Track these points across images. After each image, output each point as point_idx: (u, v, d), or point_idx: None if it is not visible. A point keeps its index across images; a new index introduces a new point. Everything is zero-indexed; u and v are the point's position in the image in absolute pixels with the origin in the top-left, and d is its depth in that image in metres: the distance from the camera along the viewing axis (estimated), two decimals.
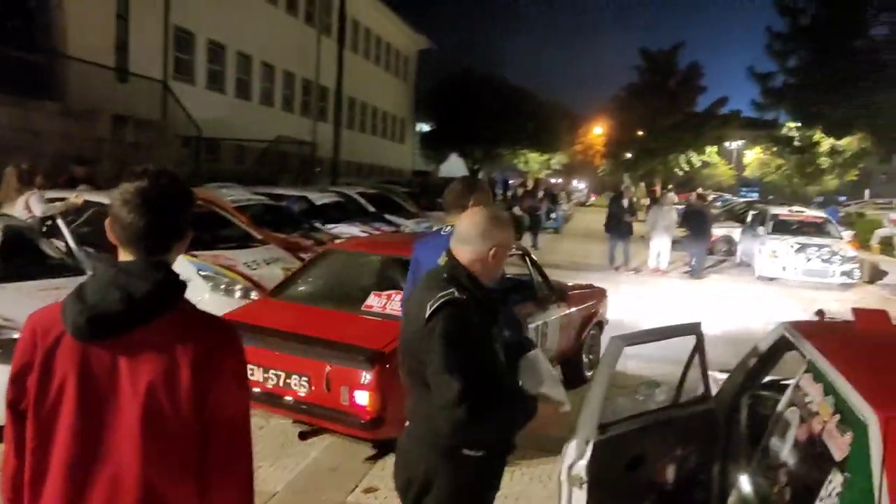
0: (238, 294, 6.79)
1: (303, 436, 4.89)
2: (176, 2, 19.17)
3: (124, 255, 1.56)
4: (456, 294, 2.23)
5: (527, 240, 17.62)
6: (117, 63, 16.81)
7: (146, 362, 1.48)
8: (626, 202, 15.87)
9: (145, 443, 1.48)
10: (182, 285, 1.58)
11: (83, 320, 1.45)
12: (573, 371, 6.60)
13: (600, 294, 7.36)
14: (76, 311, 1.46)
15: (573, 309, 6.51)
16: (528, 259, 6.18)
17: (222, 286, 6.78)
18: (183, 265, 6.15)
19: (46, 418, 1.49)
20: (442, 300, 2.21)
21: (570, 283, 7.36)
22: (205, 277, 6.75)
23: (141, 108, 16.13)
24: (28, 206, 6.78)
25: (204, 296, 6.49)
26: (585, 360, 6.78)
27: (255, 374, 4.64)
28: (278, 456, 4.78)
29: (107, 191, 8.00)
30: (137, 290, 1.46)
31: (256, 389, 4.63)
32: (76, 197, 7.23)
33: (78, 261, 6.30)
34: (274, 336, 4.72)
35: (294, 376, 4.54)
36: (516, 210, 17.94)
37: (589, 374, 6.64)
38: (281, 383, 4.58)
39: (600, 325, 7.15)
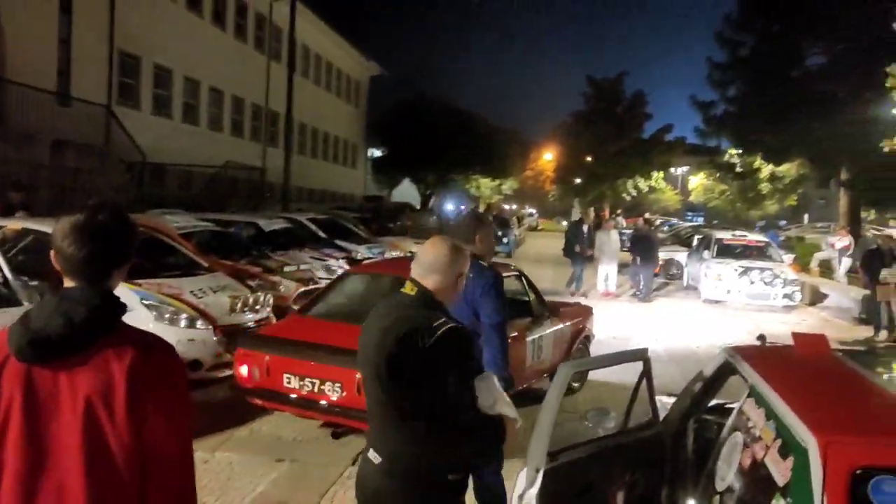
0: (183, 324, 6.62)
1: (336, 435, 5.48)
2: (121, 27, 18.86)
3: (68, 283, 1.64)
4: (452, 321, 2.25)
5: None
6: (59, 87, 16.42)
7: (85, 382, 1.56)
8: (585, 228, 15.94)
9: (87, 459, 1.55)
10: (121, 308, 1.66)
11: (25, 343, 1.54)
12: None
13: (587, 311, 8.22)
14: (19, 335, 1.55)
15: (564, 324, 7.16)
16: (523, 279, 6.92)
17: (167, 315, 6.60)
18: (125, 294, 5.98)
19: None
20: (448, 327, 2.20)
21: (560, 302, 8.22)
22: (148, 307, 6.56)
23: (83, 132, 15.75)
24: None
25: (147, 325, 6.30)
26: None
27: (292, 381, 5.30)
28: (224, 490, 4.63)
29: (44, 218, 7.76)
30: (78, 316, 1.55)
31: (293, 395, 5.31)
32: (13, 225, 6.99)
33: (14, 291, 6.05)
34: (308, 348, 5.31)
35: (328, 383, 5.12)
36: None
37: (576, 384, 7.12)
38: (315, 389, 5.18)
39: (588, 339, 7.91)
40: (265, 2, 28.29)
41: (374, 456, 2.35)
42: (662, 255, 17.60)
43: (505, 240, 24.79)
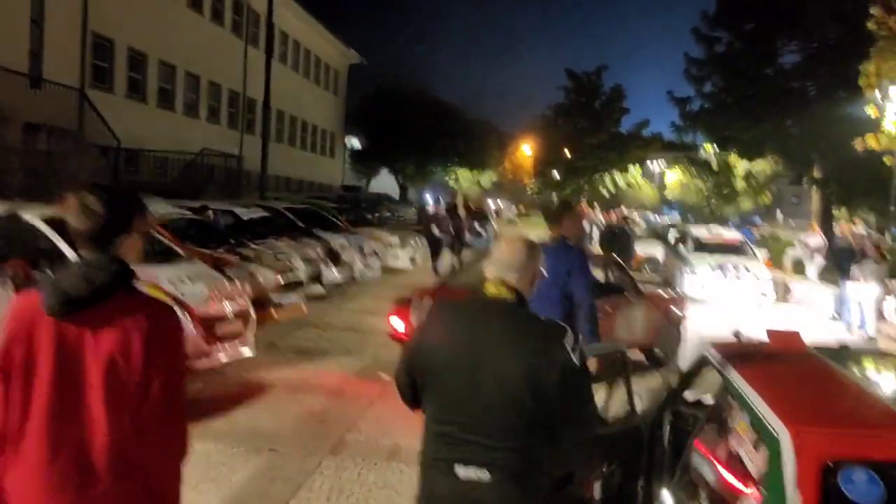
0: None
1: None
2: (94, 8, 18.53)
3: (84, 252, 1.99)
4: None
5: (448, 259, 17.50)
6: (31, 70, 16.10)
7: (105, 333, 1.90)
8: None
9: (107, 394, 1.89)
10: (131, 273, 2.00)
11: (56, 301, 1.88)
12: (649, 355, 8.40)
13: (680, 300, 9.56)
14: (51, 295, 1.88)
15: (653, 307, 8.41)
16: (620, 267, 8.58)
17: None
18: None
19: (31, 377, 1.90)
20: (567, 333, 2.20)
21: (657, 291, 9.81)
22: None
23: (55, 115, 15.47)
24: None
25: None
26: (657, 350, 8.48)
27: None
28: (201, 480, 4.61)
29: (15, 201, 7.64)
30: (96, 277, 1.90)
31: None
32: None
33: None
34: None
35: None
36: (435, 230, 17.70)
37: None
38: None
39: (679, 321, 8.92)
40: None
41: (473, 472, 2.18)
42: (640, 250, 17.75)
43: (482, 233, 24.83)
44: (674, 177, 54.45)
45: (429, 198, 37.07)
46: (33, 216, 7.32)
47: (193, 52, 24.33)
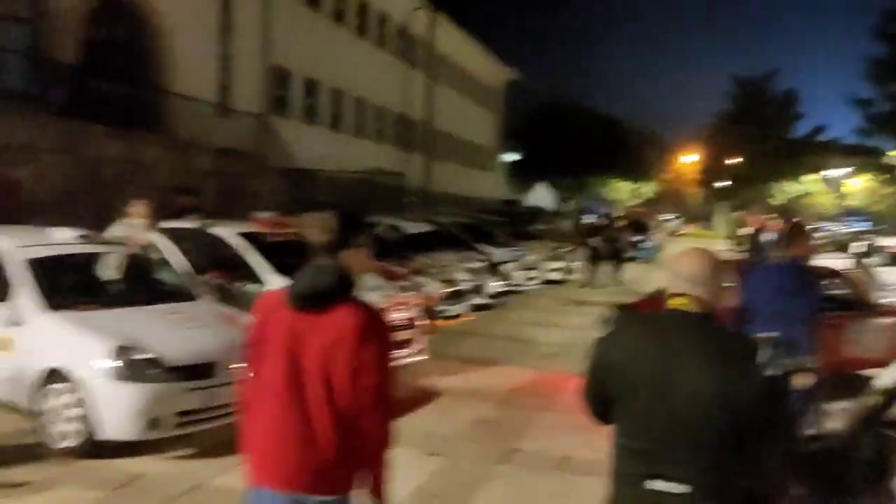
0: None
1: None
2: (274, 42, 20.10)
3: (318, 261, 2.38)
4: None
5: (605, 271, 17.40)
6: (219, 99, 17.73)
7: (324, 328, 2.28)
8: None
9: (323, 379, 2.27)
10: (350, 282, 2.37)
11: (293, 297, 2.34)
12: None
13: None
14: (291, 291, 2.34)
15: (888, 320, 7.84)
16: (844, 279, 8.27)
17: None
18: None
19: (269, 356, 2.36)
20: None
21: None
22: None
23: (241, 141, 16.91)
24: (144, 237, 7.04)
25: None
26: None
27: None
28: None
29: (216, 220, 8.46)
30: (323, 282, 2.32)
31: None
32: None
33: (189, 286, 6.62)
34: None
35: None
36: (595, 241, 17.76)
37: None
38: None
39: None
40: (405, 12, 29.08)
41: (664, 487, 2.18)
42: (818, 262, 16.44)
43: (645, 245, 24.14)
44: (856, 184, 49.94)
45: (587, 210, 36.63)
46: (228, 232, 8.10)
47: (361, 78, 25.58)
